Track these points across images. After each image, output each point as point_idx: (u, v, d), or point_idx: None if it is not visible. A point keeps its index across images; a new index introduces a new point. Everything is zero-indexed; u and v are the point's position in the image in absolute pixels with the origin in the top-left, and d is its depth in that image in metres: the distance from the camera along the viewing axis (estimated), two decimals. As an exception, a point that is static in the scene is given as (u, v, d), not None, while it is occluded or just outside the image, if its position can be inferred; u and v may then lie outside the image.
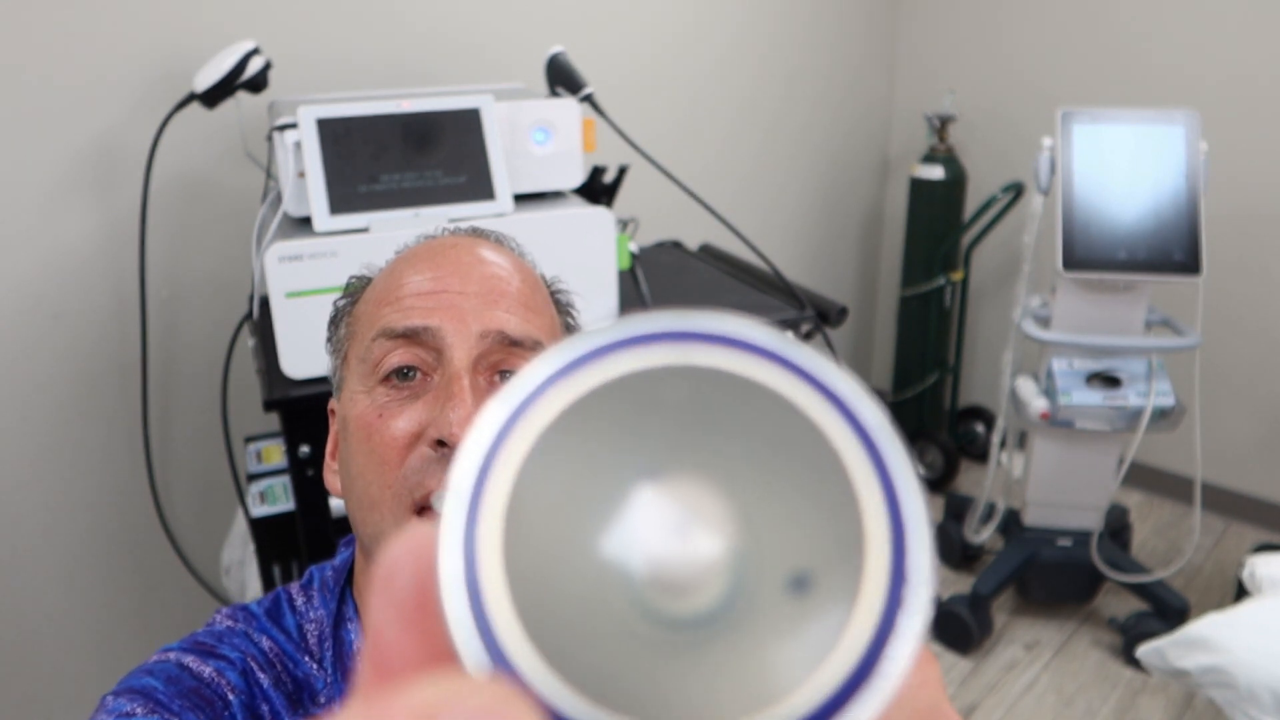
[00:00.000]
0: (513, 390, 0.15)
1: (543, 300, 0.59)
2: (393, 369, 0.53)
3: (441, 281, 0.54)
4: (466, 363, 0.52)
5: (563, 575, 0.14)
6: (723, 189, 2.17)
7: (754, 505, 0.14)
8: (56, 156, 1.35)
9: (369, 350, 0.54)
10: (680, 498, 0.14)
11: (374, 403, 0.53)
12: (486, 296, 0.54)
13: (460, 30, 1.76)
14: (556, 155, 1.24)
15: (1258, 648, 1.29)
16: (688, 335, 0.15)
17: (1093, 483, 2.00)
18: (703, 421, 0.15)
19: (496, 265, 0.57)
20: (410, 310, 0.53)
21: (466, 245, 0.58)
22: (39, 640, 1.49)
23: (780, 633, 0.14)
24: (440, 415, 0.51)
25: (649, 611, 0.14)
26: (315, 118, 1.09)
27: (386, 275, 0.58)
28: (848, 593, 0.14)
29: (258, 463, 1.36)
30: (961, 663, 2.03)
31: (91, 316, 1.43)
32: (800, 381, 0.15)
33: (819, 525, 0.14)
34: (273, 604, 0.60)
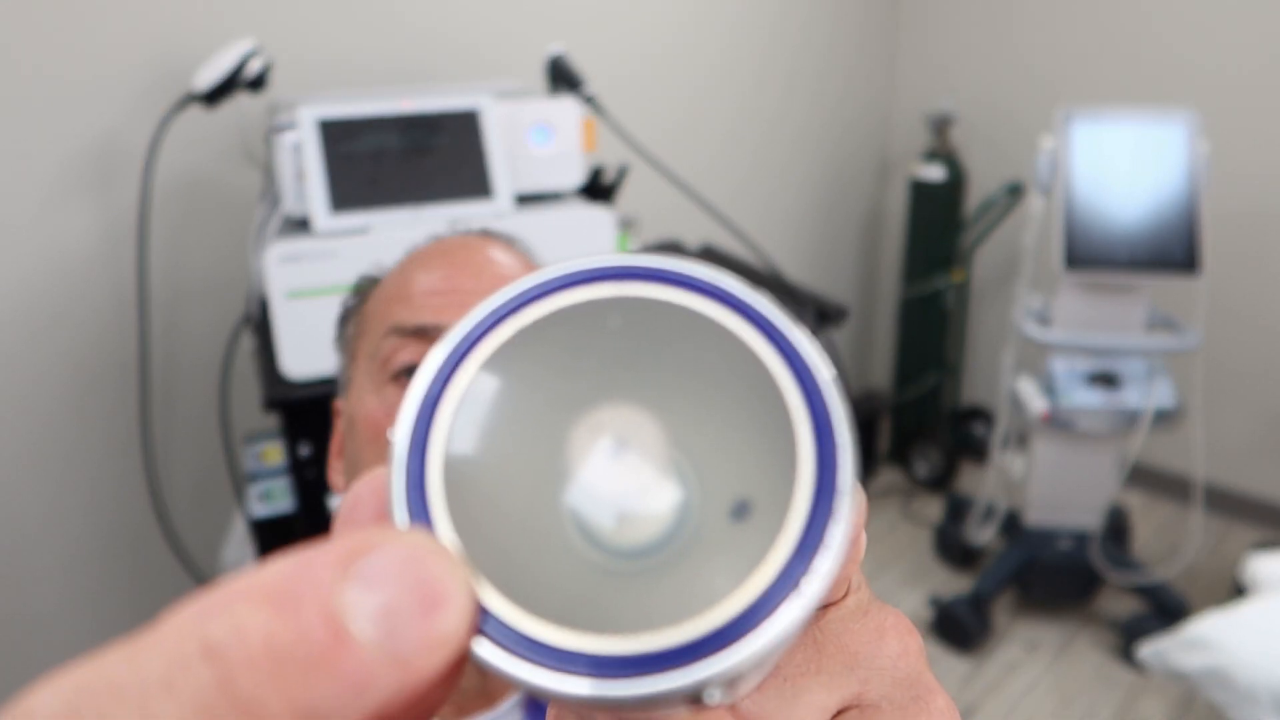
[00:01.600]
0: (461, 325, 0.16)
1: None
2: (402, 367, 0.54)
3: (452, 280, 0.55)
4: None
5: (506, 500, 0.15)
6: (723, 189, 2.17)
7: (696, 434, 0.15)
8: (56, 156, 1.35)
9: (379, 347, 0.55)
10: (624, 427, 0.15)
11: (383, 402, 0.54)
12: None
13: (460, 30, 1.76)
14: (556, 155, 1.24)
15: (1258, 648, 1.29)
16: (631, 272, 0.15)
17: (1093, 483, 2.00)
18: (644, 350, 0.15)
19: (506, 265, 0.57)
20: (421, 308, 0.54)
21: (477, 245, 0.58)
22: (38, 641, 1.49)
23: (722, 556, 0.14)
24: None
25: (595, 539, 0.15)
26: (315, 118, 1.09)
27: (397, 274, 0.58)
28: (780, 513, 0.14)
29: (258, 463, 1.36)
30: (961, 663, 2.03)
31: (91, 316, 1.43)
32: (736, 314, 0.15)
33: (757, 452, 0.15)
34: None
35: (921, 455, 2.75)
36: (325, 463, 1.12)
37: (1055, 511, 2.06)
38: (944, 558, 2.38)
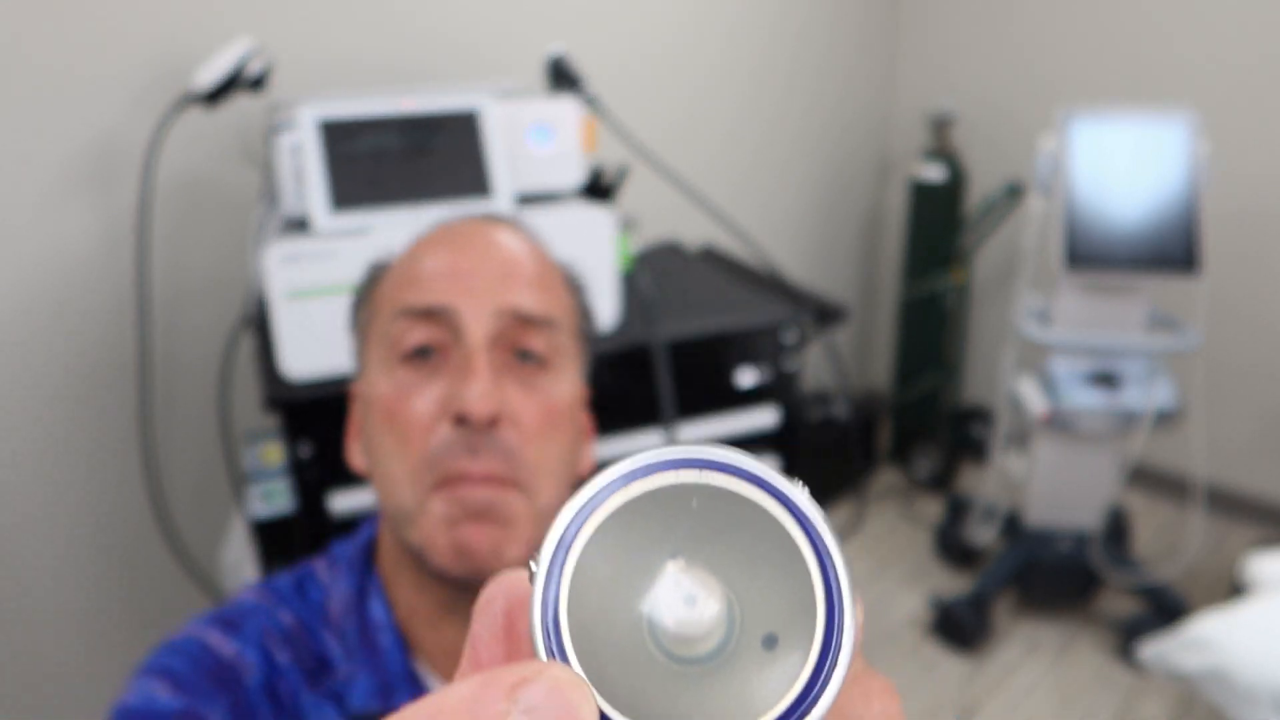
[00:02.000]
0: (583, 493, 0.22)
1: (556, 281, 0.60)
2: (412, 348, 0.55)
3: (458, 263, 0.56)
4: (483, 339, 0.54)
5: (610, 623, 0.21)
6: (723, 189, 2.17)
7: (742, 584, 0.21)
8: (56, 156, 1.35)
9: (389, 330, 0.56)
10: (692, 575, 0.21)
11: (395, 383, 0.55)
12: (502, 277, 0.56)
13: (460, 30, 1.76)
14: (556, 155, 1.24)
15: (1258, 648, 1.29)
16: (706, 463, 0.22)
17: (1093, 483, 2.00)
18: (709, 522, 0.22)
19: (511, 248, 0.58)
20: (428, 290, 0.55)
21: (482, 229, 0.59)
22: (37, 640, 1.49)
23: (756, 673, 0.21)
24: (457, 392, 0.52)
25: (669, 652, 0.21)
26: (315, 118, 1.09)
27: (406, 258, 0.59)
28: (802, 647, 0.21)
29: (258, 463, 1.36)
30: (961, 663, 2.03)
31: (91, 316, 1.43)
32: (775, 500, 0.22)
33: (785, 599, 0.21)
34: (298, 578, 0.62)
35: (921, 455, 2.75)
36: (325, 463, 1.12)
37: (1055, 512, 2.06)
38: (944, 558, 2.38)
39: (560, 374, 0.58)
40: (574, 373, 0.60)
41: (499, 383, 0.54)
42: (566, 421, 0.58)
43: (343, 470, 1.14)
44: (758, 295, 1.41)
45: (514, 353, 0.56)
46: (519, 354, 0.56)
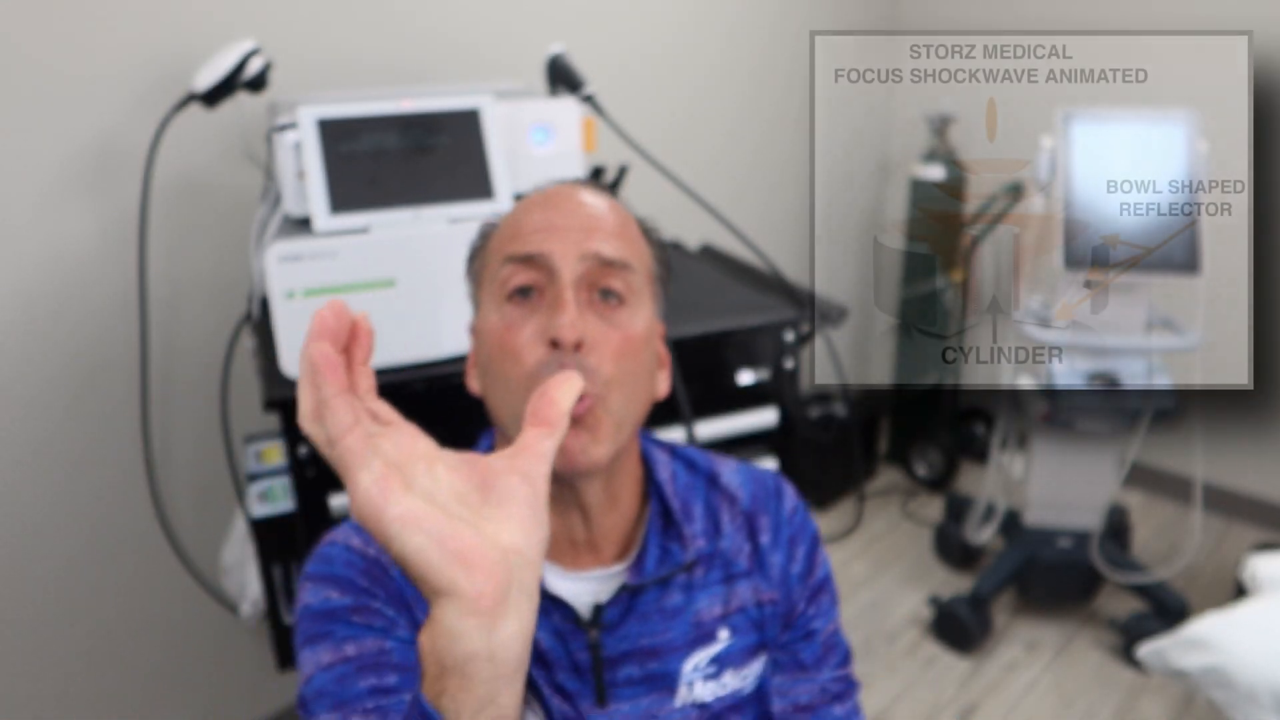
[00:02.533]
0: None
1: (634, 233, 0.73)
2: (516, 288, 0.67)
3: (552, 219, 0.68)
4: (570, 280, 0.66)
5: None
6: (723, 188, 2.17)
7: None
8: (56, 156, 1.35)
9: (498, 274, 0.69)
10: None
11: (503, 317, 0.68)
12: (586, 230, 0.68)
13: (460, 30, 1.76)
14: (556, 155, 1.24)
15: (1258, 648, 1.29)
16: None
17: (1093, 483, 2.00)
18: None
19: (594, 205, 0.71)
20: (528, 241, 0.68)
21: (572, 191, 0.72)
22: (36, 640, 1.49)
23: None
24: (551, 322, 0.64)
25: None
26: (315, 118, 1.09)
27: (510, 218, 0.72)
28: None
29: (258, 463, 1.36)
30: (961, 663, 2.03)
31: (91, 316, 1.43)
32: None
33: None
34: None
35: (921, 455, 2.75)
36: (324, 462, 1.12)
37: (1055, 511, 2.06)
38: (944, 558, 2.38)
39: (636, 310, 0.69)
40: (649, 310, 0.72)
41: (584, 315, 0.66)
42: (641, 349, 0.69)
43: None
44: (757, 295, 1.41)
45: (597, 291, 0.68)
46: (601, 292, 0.68)
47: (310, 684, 0.66)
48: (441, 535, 0.42)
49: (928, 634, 2.12)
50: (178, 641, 1.64)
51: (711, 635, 0.74)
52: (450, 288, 1.13)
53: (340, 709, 0.63)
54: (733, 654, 0.74)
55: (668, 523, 0.75)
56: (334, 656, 0.66)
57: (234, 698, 1.74)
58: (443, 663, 0.43)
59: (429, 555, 0.41)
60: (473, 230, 0.78)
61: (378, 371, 1.11)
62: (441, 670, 0.43)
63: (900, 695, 1.95)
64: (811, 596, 0.79)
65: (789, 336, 1.35)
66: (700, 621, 0.74)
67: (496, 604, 0.42)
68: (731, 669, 0.74)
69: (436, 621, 0.43)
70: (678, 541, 0.74)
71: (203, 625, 1.65)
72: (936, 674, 2.01)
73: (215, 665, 1.70)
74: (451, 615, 0.42)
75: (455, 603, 0.42)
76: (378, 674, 0.65)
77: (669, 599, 0.73)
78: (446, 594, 0.42)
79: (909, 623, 2.16)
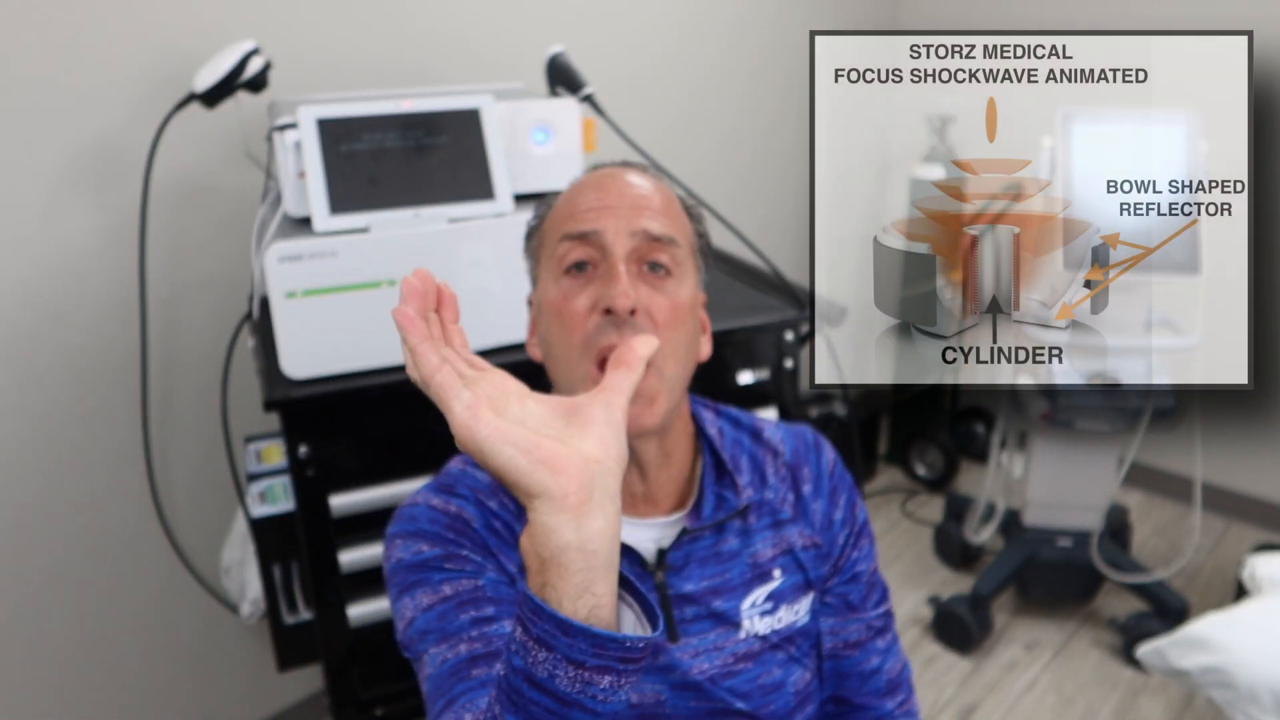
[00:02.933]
0: None
1: (677, 211, 0.81)
2: (572, 263, 0.75)
3: (603, 200, 0.76)
4: (622, 254, 0.73)
5: None
6: (723, 188, 2.17)
7: None
8: (56, 157, 1.35)
9: (555, 250, 0.76)
10: None
11: (561, 289, 0.75)
12: (635, 209, 0.76)
13: (460, 30, 1.76)
14: (556, 155, 1.24)
15: (1258, 648, 1.29)
16: None
17: (1093, 483, 2.00)
18: None
19: (641, 186, 0.78)
20: (583, 220, 0.75)
21: (619, 174, 0.80)
22: (36, 639, 1.49)
23: None
24: (605, 292, 0.72)
25: None
26: (315, 117, 1.09)
27: (565, 198, 0.80)
28: None
29: (258, 463, 1.36)
30: (961, 663, 2.03)
31: (91, 316, 1.43)
32: None
33: None
34: None
35: (921, 455, 2.75)
36: (324, 462, 1.13)
37: (1055, 511, 2.06)
38: (944, 558, 2.38)
39: (682, 281, 0.77)
40: (693, 281, 0.79)
41: (635, 285, 0.73)
42: (687, 315, 0.77)
43: (342, 470, 1.14)
44: (757, 295, 1.41)
45: (646, 264, 0.75)
46: (650, 265, 0.75)
47: (413, 625, 0.74)
48: (528, 446, 0.50)
49: (927, 634, 2.12)
50: (178, 642, 1.64)
51: (767, 574, 0.82)
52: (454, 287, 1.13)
53: (447, 640, 0.71)
54: (785, 591, 0.82)
55: (720, 473, 0.82)
56: (433, 598, 0.74)
57: (234, 698, 1.74)
58: (541, 556, 0.51)
59: (518, 463, 0.50)
60: (472, 230, 0.84)
61: (378, 371, 1.11)
62: (541, 564, 0.51)
63: (900, 695, 1.95)
64: (855, 540, 0.88)
65: (789, 336, 1.35)
66: (756, 563, 0.81)
67: (582, 502, 0.50)
68: (785, 604, 0.82)
69: (532, 522, 0.51)
70: (731, 489, 0.81)
71: (203, 625, 1.65)
72: (936, 674, 2.01)
73: (215, 665, 1.70)
74: (544, 513, 0.50)
75: (546, 502, 0.50)
76: (476, 607, 0.73)
77: (725, 543, 0.81)
78: (538, 495, 0.50)
79: (909, 622, 2.16)
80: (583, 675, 0.52)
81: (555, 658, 0.52)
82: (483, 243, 1.12)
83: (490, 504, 0.79)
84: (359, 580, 1.17)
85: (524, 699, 0.54)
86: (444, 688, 0.69)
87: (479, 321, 1.15)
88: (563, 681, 0.52)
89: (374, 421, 1.14)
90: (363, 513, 1.15)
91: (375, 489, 1.15)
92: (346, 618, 1.17)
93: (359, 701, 1.23)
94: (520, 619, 0.53)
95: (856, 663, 0.88)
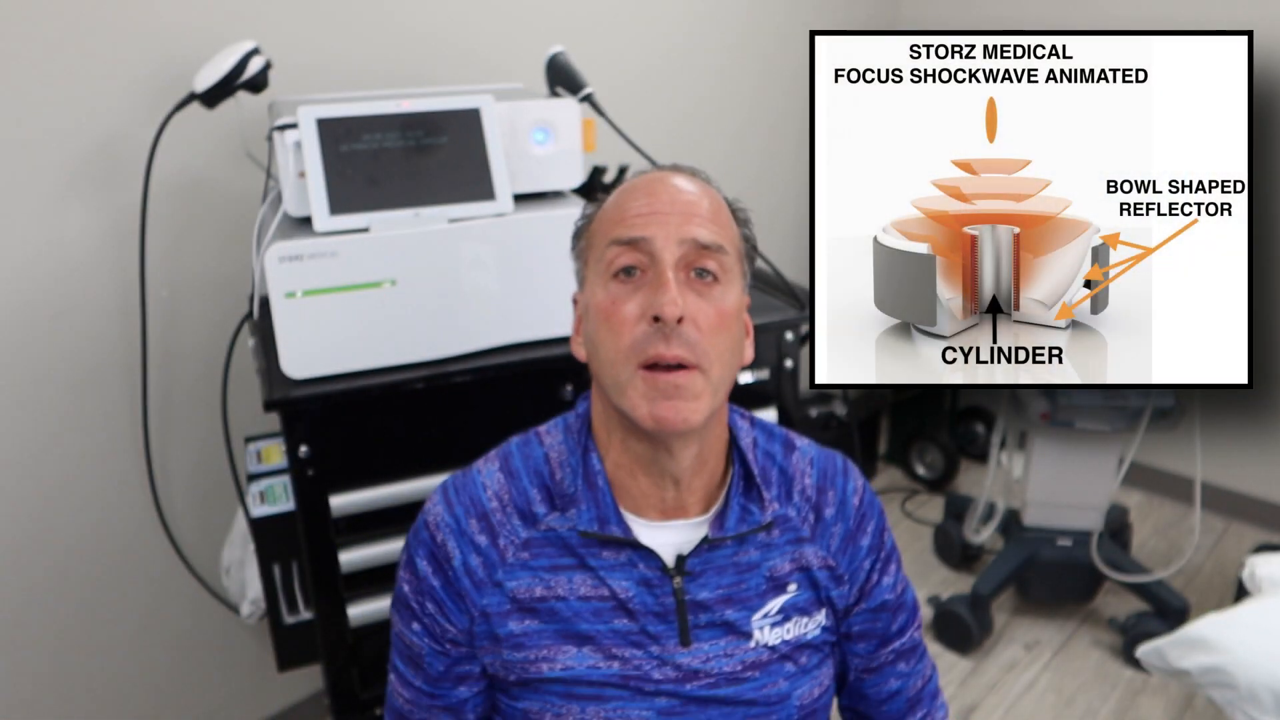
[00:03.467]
0: None
1: (725, 217, 0.81)
2: (621, 267, 0.75)
3: (652, 206, 0.76)
4: (671, 262, 0.74)
5: None
6: (723, 189, 2.17)
7: None
8: (56, 157, 1.35)
9: (603, 254, 0.76)
10: None
11: (609, 294, 0.75)
12: (684, 215, 0.76)
13: (460, 31, 1.76)
14: (556, 155, 1.24)
15: (1258, 648, 1.29)
16: None
17: (1093, 483, 2.01)
18: None
19: (691, 192, 0.78)
20: (632, 226, 0.75)
21: (669, 178, 0.80)
22: (37, 639, 1.49)
23: None
24: (654, 300, 0.72)
25: None
26: (315, 117, 1.09)
27: (613, 203, 0.80)
28: None
29: (258, 463, 1.36)
30: (961, 662, 2.03)
31: (91, 316, 1.43)
32: None
33: None
34: (524, 441, 0.84)
35: (921, 455, 2.75)
36: (324, 462, 1.13)
37: (1055, 511, 2.06)
38: (944, 557, 2.38)
39: (729, 287, 0.77)
40: (739, 287, 0.79)
41: (683, 293, 0.73)
42: (733, 321, 0.77)
43: (342, 470, 1.14)
44: (757, 295, 1.41)
45: (694, 271, 0.75)
46: (697, 271, 0.75)
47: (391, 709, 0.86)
48: None
49: (927, 634, 2.12)
50: (178, 642, 1.64)
51: (783, 587, 0.82)
52: (454, 287, 1.13)
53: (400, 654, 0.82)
54: (798, 604, 0.83)
55: (749, 484, 0.82)
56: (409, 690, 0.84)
57: (234, 698, 1.74)
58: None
59: None
60: (472, 230, 0.83)
61: (378, 371, 1.11)
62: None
63: (900, 695, 1.95)
64: (883, 566, 0.88)
65: (789, 336, 1.35)
66: (774, 575, 0.82)
67: None
68: (796, 616, 0.83)
69: None
70: (757, 503, 0.81)
71: (203, 625, 1.65)
72: (936, 674, 2.01)
73: (215, 665, 1.70)
74: None
75: None
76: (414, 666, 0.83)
77: (745, 554, 0.81)
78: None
79: (909, 623, 2.16)
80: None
81: None
82: (483, 243, 1.12)
83: (480, 540, 0.79)
84: (359, 580, 1.17)
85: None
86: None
87: (479, 322, 1.15)
88: None
89: (374, 421, 1.14)
90: (363, 513, 1.15)
91: (375, 489, 1.15)
92: (346, 618, 1.17)
93: (359, 701, 1.23)
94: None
95: (873, 685, 0.91)
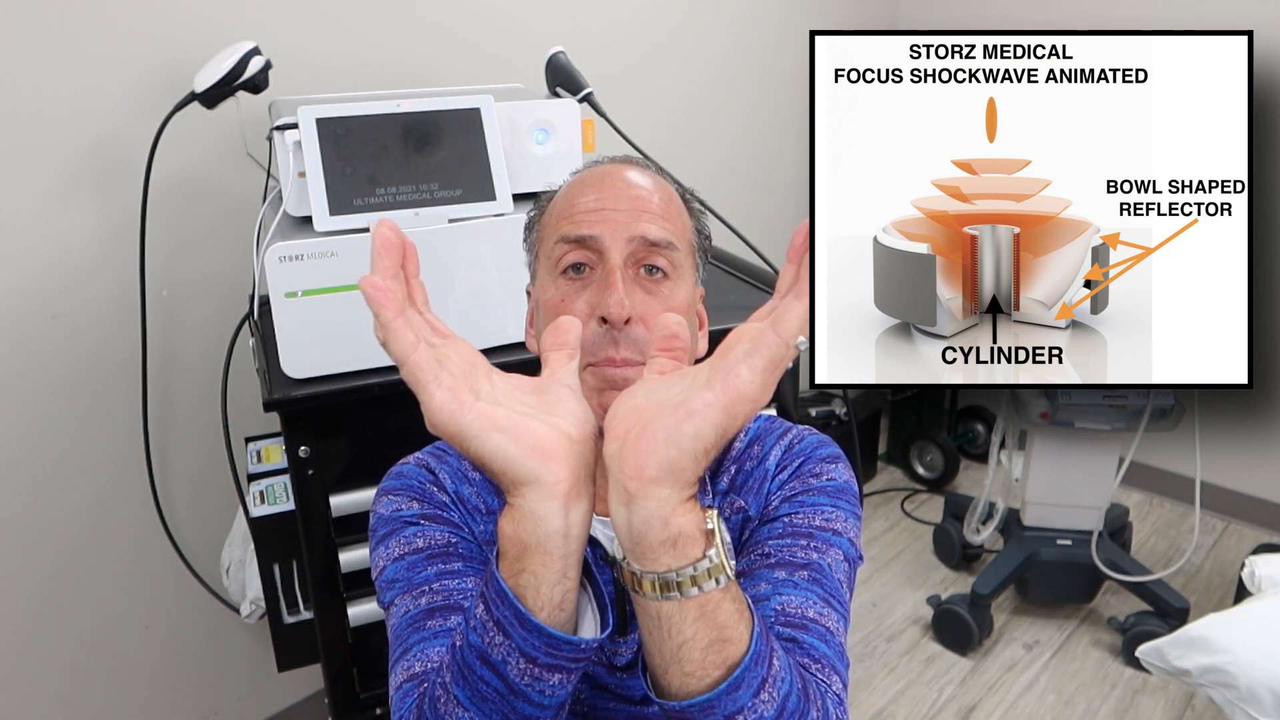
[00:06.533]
0: None
1: (677, 210, 0.79)
2: (570, 265, 0.74)
3: (601, 201, 0.75)
4: (619, 260, 0.73)
5: None
6: (723, 188, 2.17)
7: None
8: (56, 157, 1.35)
9: (553, 250, 0.75)
10: None
11: (558, 291, 0.74)
12: (633, 212, 0.74)
13: (460, 31, 1.76)
14: (556, 155, 1.24)
15: (1258, 648, 1.29)
16: None
17: (1092, 482, 2.01)
18: None
19: (641, 187, 0.77)
20: (580, 223, 0.74)
21: (618, 171, 0.78)
22: (37, 639, 1.49)
23: None
24: (602, 299, 0.71)
25: None
26: (315, 118, 1.09)
27: (564, 196, 0.78)
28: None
29: (258, 463, 1.36)
30: (961, 662, 2.03)
31: (91, 316, 1.43)
32: None
33: None
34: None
35: (921, 455, 2.76)
36: (324, 462, 1.13)
37: (1055, 511, 2.06)
38: (944, 557, 2.38)
39: (679, 282, 0.76)
40: (690, 280, 0.78)
41: (631, 292, 0.72)
42: (684, 317, 0.73)
43: (342, 470, 1.14)
44: (758, 295, 1.41)
45: (643, 267, 0.74)
46: (647, 268, 0.74)
47: (383, 575, 0.75)
48: (516, 431, 0.48)
49: (927, 633, 2.12)
50: (178, 641, 1.64)
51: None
52: (454, 287, 1.13)
53: (411, 591, 0.72)
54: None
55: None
56: (403, 549, 0.75)
57: (234, 698, 1.74)
58: (525, 543, 0.50)
59: (507, 450, 0.48)
60: (472, 230, 0.84)
61: (378, 371, 1.11)
62: (523, 550, 0.50)
63: (900, 695, 1.95)
64: (789, 496, 0.77)
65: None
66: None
67: (571, 488, 0.50)
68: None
69: (517, 508, 0.50)
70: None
71: (203, 625, 1.65)
72: (936, 673, 2.01)
73: (215, 665, 1.70)
74: (534, 501, 0.49)
75: (537, 489, 0.49)
76: (444, 560, 0.73)
77: None
78: (528, 483, 0.49)
79: (909, 622, 2.16)
80: (533, 670, 0.52)
81: (510, 645, 0.52)
82: (483, 243, 1.12)
83: (474, 475, 0.80)
84: (359, 580, 1.17)
85: (475, 676, 0.54)
86: (401, 638, 0.70)
87: (479, 321, 1.15)
88: (513, 670, 0.52)
89: (374, 421, 1.14)
90: (363, 513, 1.15)
91: (375, 489, 1.15)
92: (347, 618, 1.17)
93: (359, 701, 1.23)
94: (484, 598, 0.53)
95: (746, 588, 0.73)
